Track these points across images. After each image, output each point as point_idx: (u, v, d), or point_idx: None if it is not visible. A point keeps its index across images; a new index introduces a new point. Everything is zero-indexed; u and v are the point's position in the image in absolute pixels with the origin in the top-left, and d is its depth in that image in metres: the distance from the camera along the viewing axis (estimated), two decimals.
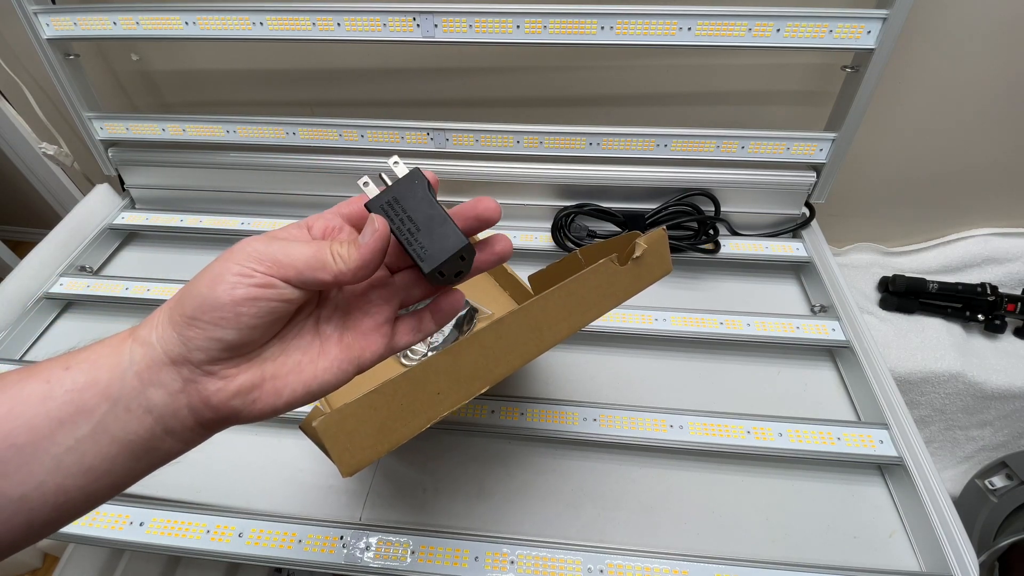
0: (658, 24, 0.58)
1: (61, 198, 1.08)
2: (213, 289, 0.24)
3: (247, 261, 0.25)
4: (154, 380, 0.24)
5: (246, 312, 0.24)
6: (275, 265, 0.25)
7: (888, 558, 0.47)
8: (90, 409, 0.24)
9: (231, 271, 0.24)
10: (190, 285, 0.25)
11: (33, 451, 0.23)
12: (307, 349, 0.28)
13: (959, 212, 0.84)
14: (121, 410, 0.24)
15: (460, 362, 0.32)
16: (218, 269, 0.25)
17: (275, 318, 0.25)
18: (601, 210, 0.70)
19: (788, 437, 0.51)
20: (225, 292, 0.24)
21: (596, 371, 0.60)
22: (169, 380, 0.25)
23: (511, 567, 0.44)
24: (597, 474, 0.52)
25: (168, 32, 0.65)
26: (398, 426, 0.31)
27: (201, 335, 0.24)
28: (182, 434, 0.26)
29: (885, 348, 0.79)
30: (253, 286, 0.24)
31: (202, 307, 0.24)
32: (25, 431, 0.23)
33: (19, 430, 0.23)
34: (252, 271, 0.24)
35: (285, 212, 0.78)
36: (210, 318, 0.24)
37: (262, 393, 0.26)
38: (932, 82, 0.69)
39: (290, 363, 0.27)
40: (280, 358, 0.27)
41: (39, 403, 0.23)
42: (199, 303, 0.24)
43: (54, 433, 0.23)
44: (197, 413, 0.25)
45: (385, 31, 0.62)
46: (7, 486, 0.22)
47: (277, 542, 0.46)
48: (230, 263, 0.25)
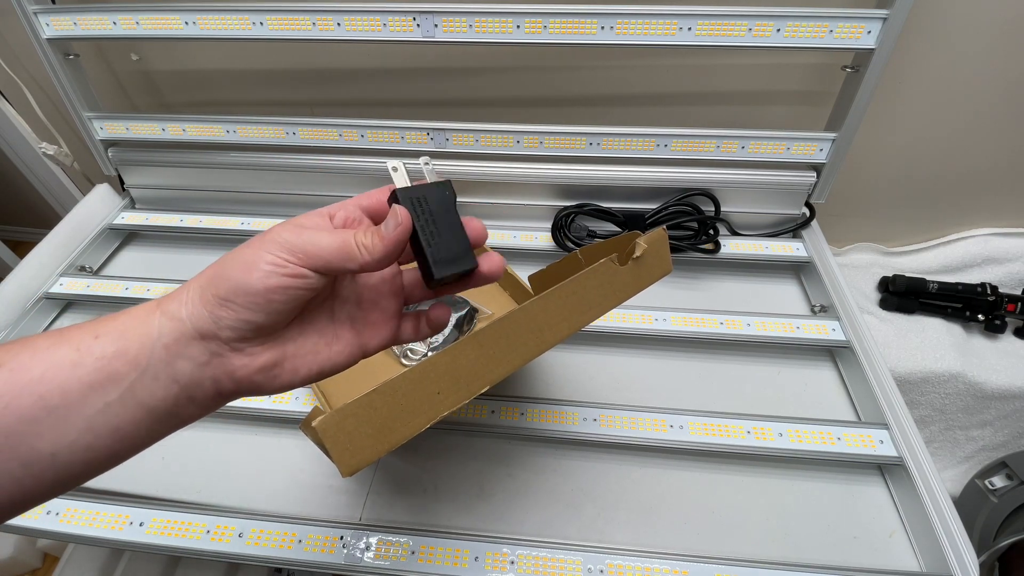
0: (658, 24, 0.58)
1: (61, 198, 1.08)
2: (248, 275, 0.26)
3: (280, 252, 0.26)
4: (182, 353, 0.26)
5: (277, 299, 0.26)
6: (305, 256, 0.26)
7: (888, 558, 0.47)
8: (120, 376, 0.25)
9: (265, 260, 0.26)
10: (222, 267, 0.27)
11: (66, 413, 0.24)
12: (323, 332, 0.30)
13: (959, 212, 0.84)
14: (149, 378, 0.26)
15: (460, 362, 0.32)
16: (251, 257, 0.26)
17: (300, 303, 0.28)
18: (601, 210, 0.70)
19: (788, 437, 0.51)
20: (259, 280, 0.26)
21: (596, 371, 0.60)
22: (197, 353, 0.26)
23: (511, 567, 0.44)
24: (597, 474, 0.52)
25: (168, 32, 0.65)
26: (398, 426, 0.31)
27: (232, 316, 0.26)
28: (203, 402, 0.28)
29: (885, 348, 0.79)
30: (286, 275, 0.26)
31: (235, 291, 0.26)
32: (58, 394, 0.24)
33: (52, 393, 0.24)
34: (285, 261, 0.26)
35: (285, 212, 0.78)
36: (243, 302, 0.26)
37: (282, 371, 0.28)
38: (932, 82, 0.69)
39: (308, 345, 0.29)
40: (299, 339, 0.29)
41: (70, 368, 0.24)
42: (232, 286, 0.26)
43: (85, 397, 0.24)
44: (220, 385, 0.27)
45: (385, 31, 0.62)
46: (40, 444, 0.24)
47: (277, 542, 0.46)
48: (263, 251, 0.26)
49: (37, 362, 0.24)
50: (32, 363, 0.24)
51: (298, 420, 0.42)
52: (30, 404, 0.23)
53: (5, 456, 0.23)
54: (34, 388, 0.24)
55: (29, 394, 0.23)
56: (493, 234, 0.73)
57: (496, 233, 0.73)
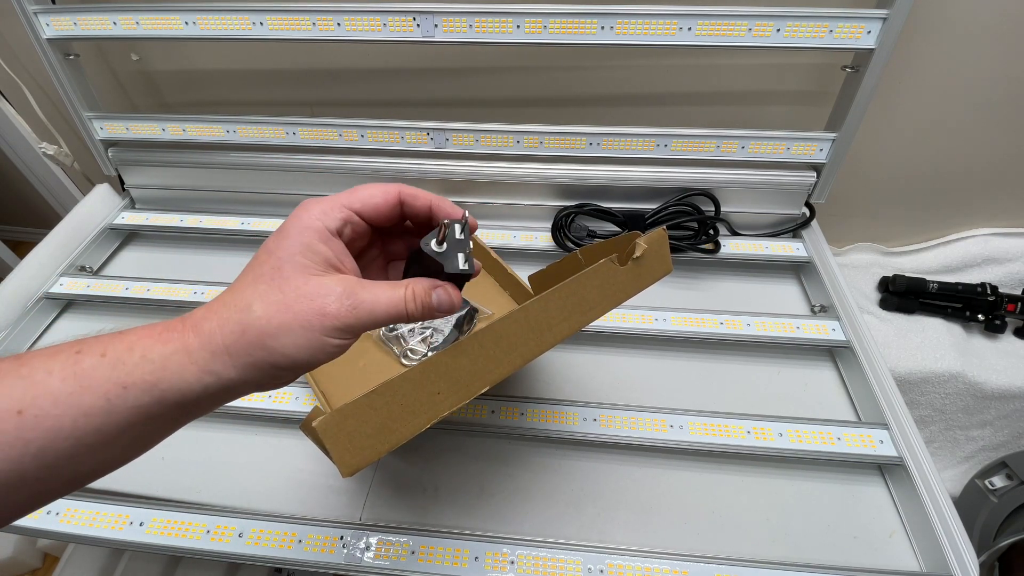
0: (658, 24, 0.58)
1: (61, 198, 1.08)
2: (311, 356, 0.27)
3: (343, 336, 0.27)
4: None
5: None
6: (362, 329, 0.28)
7: (888, 558, 0.47)
8: (159, 415, 0.25)
9: (332, 344, 0.27)
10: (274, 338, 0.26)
11: (103, 445, 0.25)
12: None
13: (959, 212, 0.84)
14: (193, 413, 0.27)
15: (460, 362, 0.32)
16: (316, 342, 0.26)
17: None
18: (601, 210, 0.70)
19: (788, 437, 0.51)
20: (322, 359, 0.27)
21: (596, 371, 0.60)
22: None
23: (511, 567, 0.44)
24: (597, 474, 0.52)
25: (168, 32, 0.65)
26: (398, 426, 0.31)
27: (288, 378, 0.28)
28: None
29: (885, 348, 0.79)
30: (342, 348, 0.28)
31: (290, 367, 0.26)
32: (94, 435, 0.24)
33: (88, 436, 0.24)
34: (345, 342, 0.27)
35: (285, 212, 0.77)
36: (294, 373, 0.27)
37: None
38: (932, 82, 0.69)
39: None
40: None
41: (103, 416, 0.24)
42: (289, 364, 0.26)
43: (122, 433, 0.25)
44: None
45: (385, 31, 0.62)
46: (82, 468, 0.25)
47: (277, 542, 0.46)
48: (325, 337, 0.26)
49: (62, 411, 0.24)
50: (56, 410, 0.23)
51: (298, 420, 0.42)
52: (68, 447, 0.24)
53: (48, 483, 0.24)
54: (69, 435, 0.24)
55: (65, 438, 0.23)
56: (493, 234, 0.73)
57: (496, 233, 0.73)
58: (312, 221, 0.28)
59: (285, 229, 0.28)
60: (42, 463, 0.23)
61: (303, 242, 0.27)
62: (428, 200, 0.32)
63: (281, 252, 0.27)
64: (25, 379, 0.24)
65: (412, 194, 0.31)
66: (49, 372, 0.24)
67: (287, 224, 0.29)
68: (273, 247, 0.28)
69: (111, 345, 0.25)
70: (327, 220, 0.29)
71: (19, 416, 0.23)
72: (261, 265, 0.27)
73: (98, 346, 0.25)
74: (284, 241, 0.28)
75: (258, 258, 0.28)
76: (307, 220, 0.28)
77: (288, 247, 0.27)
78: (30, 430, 0.23)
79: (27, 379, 0.24)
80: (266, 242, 0.28)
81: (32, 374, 0.24)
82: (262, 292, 0.26)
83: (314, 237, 0.28)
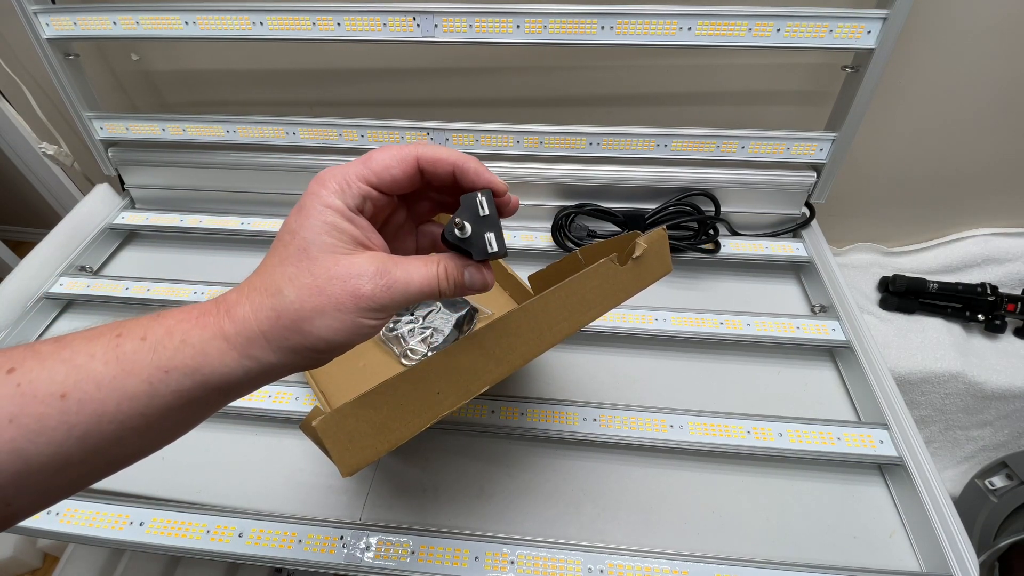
0: (658, 24, 0.58)
1: (61, 198, 1.08)
2: (347, 339, 0.26)
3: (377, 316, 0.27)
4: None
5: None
6: (396, 307, 0.27)
7: (888, 558, 0.47)
8: (201, 399, 0.25)
9: (368, 325, 0.26)
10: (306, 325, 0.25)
11: (147, 428, 0.25)
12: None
13: (959, 212, 0.84)
14: (234, 395, 0.27)
15: (460, 362, 0.32)
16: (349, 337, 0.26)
17: None
18: (601, 210, 0.70)
19: (788, 437, 0.51)
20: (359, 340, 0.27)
21: (596, 371, 0.60)
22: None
23: (511, 567, 0.44)
24: (597, 474, 0.52)
25: (168, 32, 0.65)
26: (398, 426, 0.31)
27: (328, 359, 0.27)
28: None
29: (885, 348, 0.79)
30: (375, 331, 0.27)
31: (328, 349, 0.26)
32: (138, 418, 0.24)
33: (132, 420, 0.24)
34: (380, 323, 0.27)
35: (285, 213, 0.78)
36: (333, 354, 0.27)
37: None
38: (932, 82, 0.69)
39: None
40: None
41: (146, 400, 0.24)
42: (327, 347, 0.26)
43: (164, 417, 0.25)
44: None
45: (385, 31, 0.62)
46: (121, 451, 0.25)
47: (277, 542, 0.46)
48: (361, 320, 0.26)
49: (106, 394, 0.24)
50: (100, 394, 0.24)
51: (298, 420, 0.42)
52: (112, 430, 0.24)
53: (91, 465, 0.25)
54: (112, 418, 0.24)
55: (109, 422, 0.24)
56: None
57: None
58: (331, 199, 0.27)
59: (305, 207, 0.27)
60: (86, 447, 0.23)
61: (326, 221, 0.26)
62: (451, 164, 0.29)
63: (305, 232, 0.26)
64: (67, 362, 0.23)
65: (432, 159, 0.29)
66: (92, 355, 0.24)
67: (305, 201, 0.27)
68: (296, 226, 0.27)
69: (150, 328, 0.25)
70: (346, 198, 0.27)
71: (63, 400, 0.23)
72: (286, 247, 0.26)
73: (138, 329, 0.25)
74: (307, 220, 0.26)
75: (281, 239, 0.27)
76: (326, 197, 0.27)
77: (312, 227, 0.26)
78: (74, 414, 0.23)
79: (69, 362, 0.24)
80: (286, 221, 0.27)
81: (74, 357, 0.24)
82: (292, 275, 0.26)
83: (337, 216, 0.27)
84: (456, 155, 0.29)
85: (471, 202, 0.28)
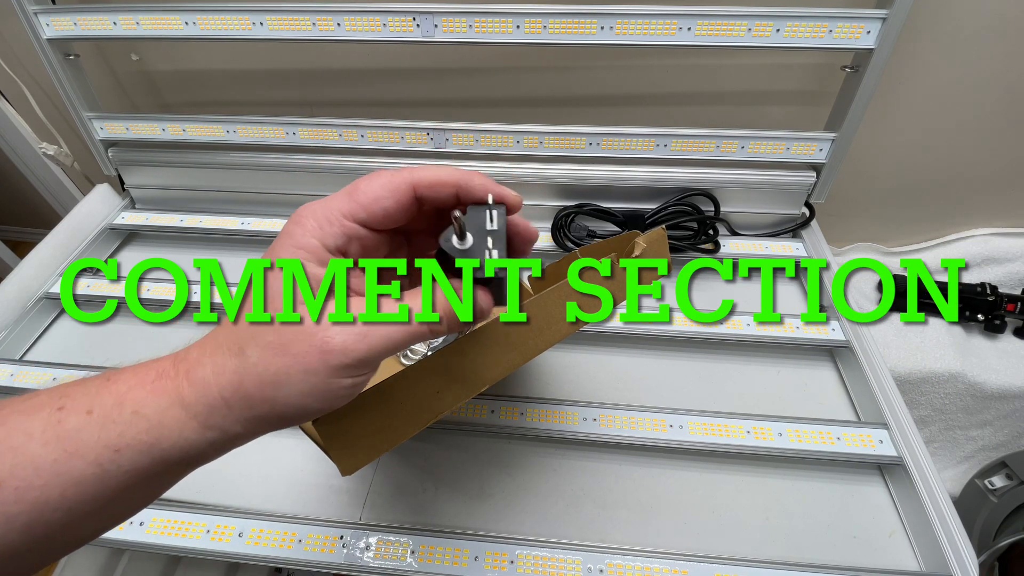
0: (658, 24, 0.58)
1: (61, 198, 1.08)
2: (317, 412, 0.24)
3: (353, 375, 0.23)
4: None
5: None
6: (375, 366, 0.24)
7: (888, 558, 0.47)
8: (160, 474, 0.23)
9: (343, 385, 0.23)
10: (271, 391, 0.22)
11: (99, 511, 0.22)
12: None
13: (959, 212, 0.84)
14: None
15: (460, 362, 0.32)
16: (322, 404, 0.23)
17: None
18: (601, 210, 0.70)
19: (788, 437, 0.51)
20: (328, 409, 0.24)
21: (596, 371, 0.60)
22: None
23: (511, 567, 0.44)
24: (597, 474, 0.52)
25: (168, 32, 0.65)
26: (398, 426, 0.31)
27: (302, 422, 0.25)
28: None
29: (885, 348, 0.79)
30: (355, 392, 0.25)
31: (301, 419, 0.24)
32: (89, 503, 0.22)
33: (81, 505, 0.22)
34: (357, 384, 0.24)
35: (285, 212, 0.77)
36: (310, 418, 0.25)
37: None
38: (932, 82, 0.69)
39: None
40: None
41: (95, 483, 0.21)
42: (299, 414, 0.23)
43: (120, 498, 0.22)
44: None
45: (385, 31, 0.62)
46: (74, 535, 0.23)
47: (277, 542, 0.46)
48: (336, 395, 0.23)
49: (50, 476, 0.21)
50: (40, 480, 0.21)
51: None
52: (59, 518, 0.21)
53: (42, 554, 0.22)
54: (58, 506, 0.21)
55: (54, 510, 0.21)
56: None
57: None
58: (305, 239, 0.23)
59: (274, 251, 0.24)
60: (31, 537, 0.21)
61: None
62: (453, 185, 0.25)
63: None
64: (1, 443, 0.21)
65: (430, 183, 0.25)
66: (29, 435, 0.21)
67: (276, 244, 0.24)
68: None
69: (98, 398, 0.22)
70: (325, 237, 0.24)
71: None
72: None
73: (83, 400, 0.22)
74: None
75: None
76: (300, 238, 0.23)
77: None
78: (13, 503, 0.20)
79: (3, 443, 0.21)
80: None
81: (9, 437, 0.21)
82: (256, 331, 0.22)
83: (308, 259, 0.23)
84: (458, 174, 0.26)
85: (480, 212, 0.25)
